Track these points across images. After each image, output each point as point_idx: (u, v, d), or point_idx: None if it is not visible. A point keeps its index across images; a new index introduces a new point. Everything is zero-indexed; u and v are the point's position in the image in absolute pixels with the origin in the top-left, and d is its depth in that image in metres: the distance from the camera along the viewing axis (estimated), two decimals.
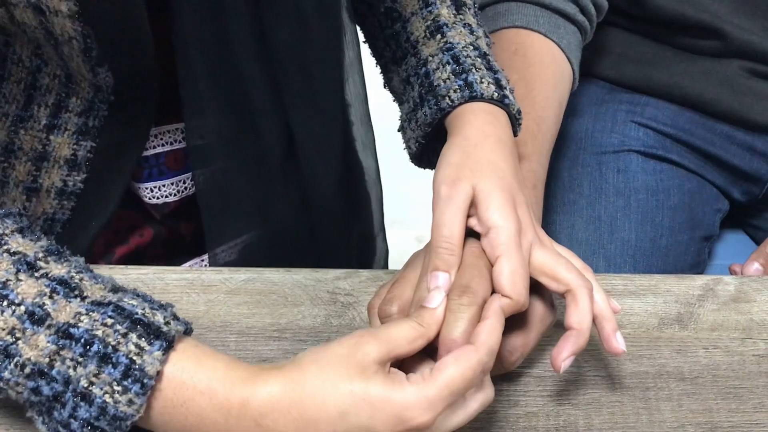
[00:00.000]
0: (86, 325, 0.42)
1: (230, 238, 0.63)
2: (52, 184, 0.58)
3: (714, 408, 0.52)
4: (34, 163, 0.57)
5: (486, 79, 0.56)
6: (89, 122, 0.56)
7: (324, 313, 0.57)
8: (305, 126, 0.61)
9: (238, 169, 0.61)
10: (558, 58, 0.73)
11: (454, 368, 0.42)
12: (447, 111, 0.56)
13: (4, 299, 0.42)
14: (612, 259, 0.79)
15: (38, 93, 0.55)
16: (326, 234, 0.68)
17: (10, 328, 0.41)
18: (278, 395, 0.41)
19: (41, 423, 0.42)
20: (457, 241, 0.49)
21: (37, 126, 0.56)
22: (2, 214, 0.46)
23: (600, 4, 0.78)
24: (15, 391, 0.42)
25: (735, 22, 0.83)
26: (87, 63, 0.52)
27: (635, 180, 0.83)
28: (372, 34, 0.67)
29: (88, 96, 0.55)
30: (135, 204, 0.64)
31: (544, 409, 0.52)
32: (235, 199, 0.63)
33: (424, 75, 0.59)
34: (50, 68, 0.54)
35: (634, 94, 0.89)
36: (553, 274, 0.50)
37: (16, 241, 0.44)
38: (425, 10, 0.62)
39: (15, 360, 0.41)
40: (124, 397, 0.41)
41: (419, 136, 0.59)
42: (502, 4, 0.75)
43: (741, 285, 0.61)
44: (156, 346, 0.41)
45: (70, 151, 0.57)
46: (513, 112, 0.57)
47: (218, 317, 0.56)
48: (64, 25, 0.49)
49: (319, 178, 0.64)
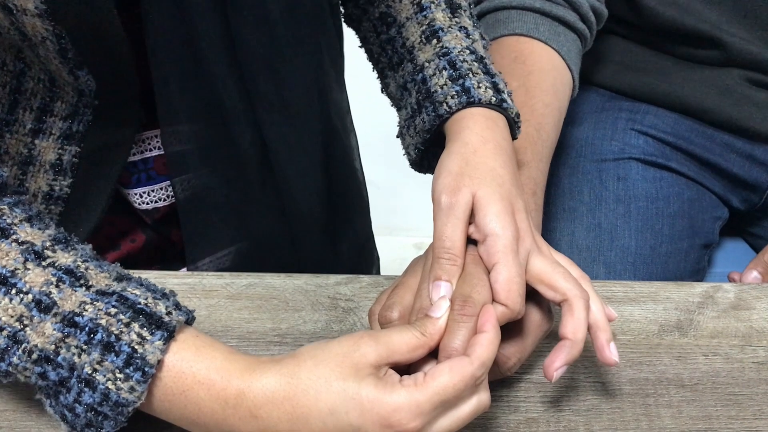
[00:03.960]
0: (90, 314, 0.43)
1: (211, 251, 0.63)
2: (38, 188, 0.58)
3: (714, 415, 0.52)
4: (20, 167, 0.58)
5: (483, 83, 0.56)
6: (74, 126, 0.57)
7: (325, 318, 0.57)
8: (277, 132, 0.61)
9: (215, 176, 0.61)
10: (558, 66, 0.73)
11: (447, 377, 0.43)
12: (445, 117, 0.56)
13: (13, 287, 0.43)
14: (612, 266, 0.79)
15: (23, 97, 0.56)
16: (309, 244, 0.67)
17: (19, 316, 0.43)
18: (273, 388, 0.42)
19: (49, 405, 0.44)
20: (458, 252, 0.49)
21: (22, 130, 0.56)
22: (12, 202, 0.47)
23: (600, 12, 0.79)
24: (23, 375, 0.44)
25: (734, 32, 0.83)
26: (65, 65, 0.52)
27: (635, 187, 0.83)
28: (367, 40, 0.67)
29: (72, 100, 0.55)
30: (125, 210, 0.65)
31: (545, 415, 0.52)
32: (214, 207, 0.62)
33: (421, 81, 0.59)
34: (33, 72, 0.55)
35: (634, 102, 0.89)
36: (550, 282, 0.50)
37: (24, 231, 0.46)
38: (420, 15, 0.61)
39: (23, 346, 0.43)
40: (126, 384, 0.42)
41: (418, 143, 0.59)
42: (502, 12, 0.76)
43: (740, 292, 0.62)
44: (157, 336, 0.43)
45: (56, 155, 0.57)
46: (512, 115, 0.57)
47: (219, 322, 0.56)
48: (35, 25, 0.49)
49: (295, 186, 0.64)
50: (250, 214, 0.64)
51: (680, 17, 0.83)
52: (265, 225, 0.65)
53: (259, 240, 0.65)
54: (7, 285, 0.43)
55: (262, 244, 0.65)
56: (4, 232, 0.45)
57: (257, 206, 0.64)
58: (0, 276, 0.43)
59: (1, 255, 0.44)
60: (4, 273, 0.43)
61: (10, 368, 0.43)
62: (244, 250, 0.64)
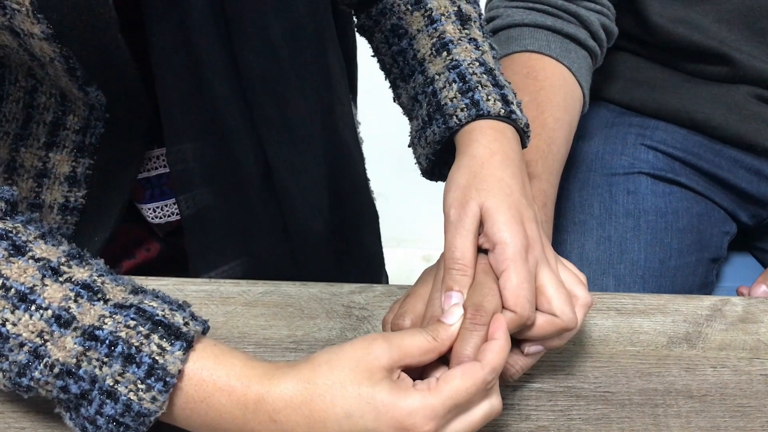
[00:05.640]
0: (110, 327, 0.44)
1: (215, 266, 0.64)
2: (54, 200, 0.59)
3: (722, 426, 0.53)
4: (35, 180, 0.59)
5: (492, 95, 0.57)
6: (86, 139, 0.57)
7: (339, 326, 0.58)
8: (280, 154, 0.61)
9: (218, 194, 0.62)
10: (569, 82, 0.75)
11: (459, 381, 0.44)
12: (455, 129, 0.57)
13: (32, 304, 0.44)
14: (621, 278, 0.80)
15: (36, 111, 0.57)
16: (312, 263, 0.67)
17: (39, 331, 0.43)
18: (291, 393, 0.43)
19: (69, 419, 0.45)
20: (468, 262, 0.50)
21: (36, 144, 0.57)
22: (25, 220, 0.48)
23: (610, 30, 0.80)
24: (45, 389, 0.44)
25: (743, 49, 0.84)
26: (74, 83, 0.53)
27: (645, 202, 0.84)
28: (379, 50, 0.68)
29: (84, 114, 0.56)
30: (139, 219, 0.65)
31: (555, 424, 0.53)
32: (217, 225, 0.63)
33: (431, 94, 0.60)
34: (45, 87, 0.56)
35: (643, 118, 0.90)
36: (549, 298, 0.51)
37: (39, 248, 0.46)
38: (431, 27, 0.62)
39: (44, 361, 0.43)
40: (148, 394, 0.43)
41: (429, 153, 0.60)
42: (514, 29, 0.77)
43: (748, 306, 0.62)
44: (177, 346, 0.43)
45: (69, 167, 0.58)
46: (521, 126, 0.57)
47: (236, 328, 0.57)
48: (43, 47, 0.50)
49: (298, 206, 0.64)
50: (253, 232, 0.64)
51: (689, 34, 0.84)
52: (267, 244, 0.65)
53: (262, 258, 0.65)
54: (27, 301, 0.44)
55: (265, 262, 0.65)
56: (21, 249, 0.45)
57: (260, 225, 0.64)
58: (19, 293, 0.44)
59: (19, 272, 0.44)
60: (23, 290, 0.44)
61: (32, 383, 0.44)
62: (248, 267, 0.65)
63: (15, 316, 0.43)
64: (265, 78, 0.58)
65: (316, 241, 0.67)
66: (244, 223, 0.64)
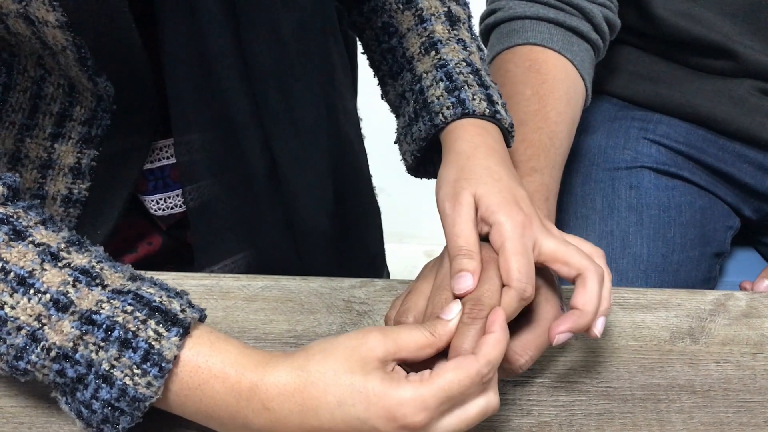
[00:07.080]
0: (107, 312, 0.44)
1: (220, 258, 0.64)
2: (57, 191, 0.59)
3: (725, 421, 0.53)
4: (39, 170, 0.59)
5: (478, 95, 0.58)
6: (92, 131, 0.58)
7: (339, 320, 0.58)
8: (286, 147, 0.62)
9: (224, 186, 0.62)
10: (571, 75, 0.74)
11: (452, 374, 0.43)
12: (440, 127, 0.58)
13: (31, 288, 0.44)
14: (624, 273, 0.79)
15: (43, 102, 0.57)
16: (315, 258, 0.67)
17: (37, 315, 0.44)
18: (284, 381, 0.44)
19: (64, 403, 0.45)
20: (473, 246, 0.51)
21: (42, 134, 0.58)
22: (26, 206, 0.48)
23: (613, 23, 0.79)
24: (41, 373, 0.44)
25: (746, 43, 0.84)
26: (84, 73, 0.54)
27: (647, 196, 0.83)
28: (369, 47, 0.69)
29: (91, 105, 0.57)
30: (142, 212, 0.65)
31: (557, 419, 0.52)
32: (222, 218, 0.63)
33: (418, 91, 0.61)
34: (54, 78, 0.56)
35: (646, 112, 0.89)
36: (564, 259, 0.51)
37: (39, 233, 0.46)
38: (420, 27, 0.63)
39: (41, 344, 0.44)
40: (143, 379, 0.43)
41: (414, 150, 0.61)
42: (516, 22, 0.77)
43: (752, 301, 0.62)
44: (173, 332, 0.44)
45: (74, 159, 0.58)
46: (505, 126, 0.59)
47: (236, 323, 0.57)
48: (56, 35, 0.51)
49: (302, 201, 0.64)
50: (257, 225, 0.65)
51: (693, 28, 0.84)
52: (271, 237, 0.65)
53: (266, 251, 0.66)
54: (26, 285, 0.44)
55: (268, 255, 0.66)
56: (21, 234, 0.46)
57: (264, 218, 0.64)
58: (18, 276, 0.44)
59: (19, 256, 0.45)
60: (22, 273, 0.44)
61: (29, 366, 0.44)
62: (252, 260, 0.65)
63: (13, 300, 0.44)
64: (274, 71, 0.59)
65: (318, 235, 0.67)
66: (248, 217, 0.64)
